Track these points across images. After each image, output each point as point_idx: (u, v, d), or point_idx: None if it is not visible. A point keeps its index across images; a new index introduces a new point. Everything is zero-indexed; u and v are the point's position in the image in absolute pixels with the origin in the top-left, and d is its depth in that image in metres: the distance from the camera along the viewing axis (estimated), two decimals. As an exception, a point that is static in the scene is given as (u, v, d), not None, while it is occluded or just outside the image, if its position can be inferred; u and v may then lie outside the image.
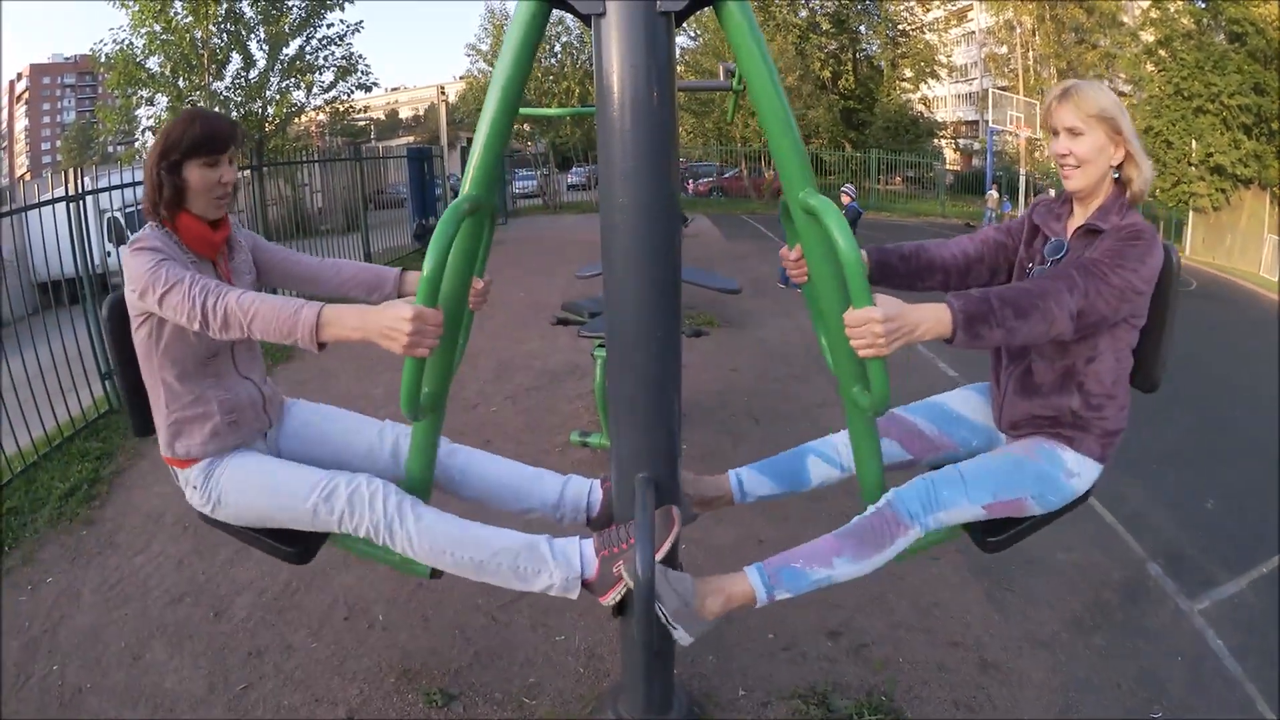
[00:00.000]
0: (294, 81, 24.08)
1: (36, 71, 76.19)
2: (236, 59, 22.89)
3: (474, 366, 6.94)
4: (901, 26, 36.27)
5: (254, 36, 22.98)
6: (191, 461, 2.16)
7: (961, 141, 43.17)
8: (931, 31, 37.11)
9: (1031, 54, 34.84)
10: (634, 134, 1.75)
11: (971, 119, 42.77)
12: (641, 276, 1.87)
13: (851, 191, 11.81)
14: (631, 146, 1.76)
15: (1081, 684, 3.10)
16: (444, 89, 20.35)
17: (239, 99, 23.17)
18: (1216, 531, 4.61)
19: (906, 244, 2.31)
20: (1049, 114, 2.08)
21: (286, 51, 23.67)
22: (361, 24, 25.28)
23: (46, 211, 5.79)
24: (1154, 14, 28.56)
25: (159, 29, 21.04)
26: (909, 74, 36.45)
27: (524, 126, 28.52)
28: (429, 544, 2.07)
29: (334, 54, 24.62)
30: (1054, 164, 2.14)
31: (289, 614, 3.43)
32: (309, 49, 24.07)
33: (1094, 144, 2.00)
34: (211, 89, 22.45)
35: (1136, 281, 1.90)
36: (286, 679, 3.03)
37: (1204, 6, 26.98)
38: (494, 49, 35.04)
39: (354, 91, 26.04)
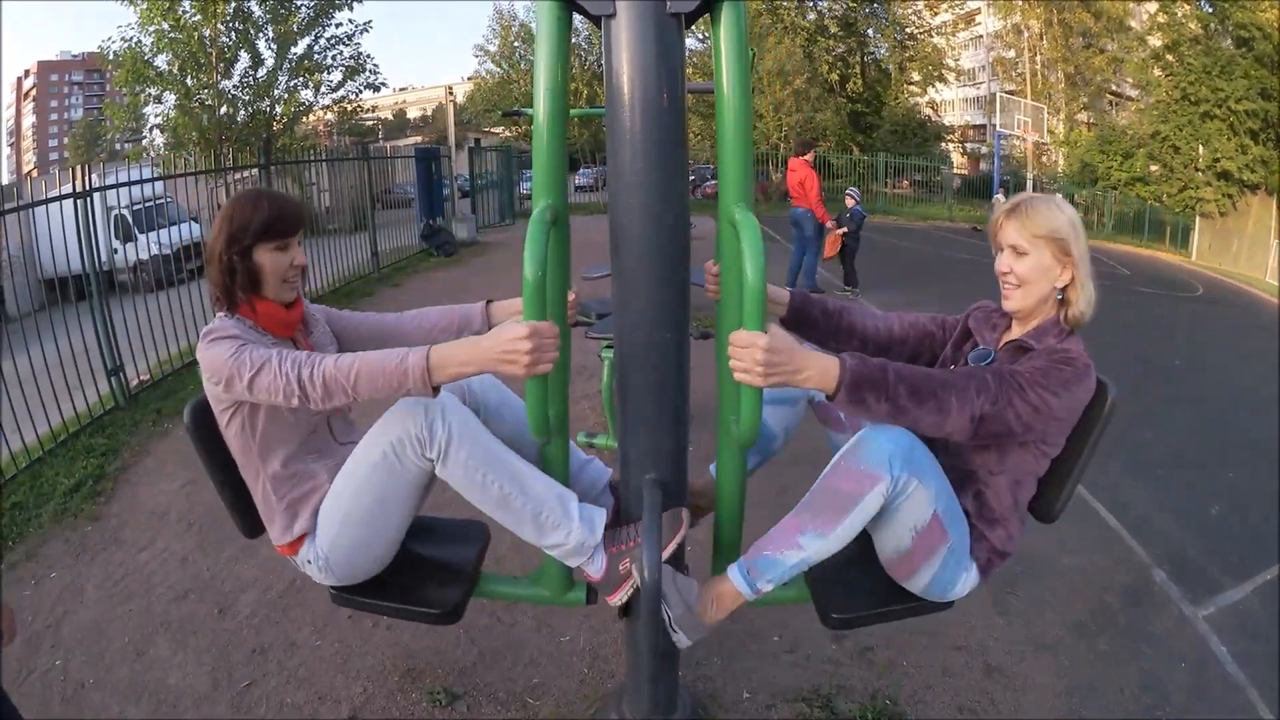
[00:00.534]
0: (302, 80, 24.16)
1: (44, 69, 76.50)
2: (245, 57, 23.02)
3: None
4: (909, 30, 36.31)
5: (262, 35, 23.08)
6: (303, 538, 2.08)
7: (969, 145, 43.16)
8: (939, 35, 37.18)
9: (1039, 58, 34.86)
10: (644, 135, 1.75)
11: (979, 123, 42.78)
12: (651, 277, 1.86)
13: (856, 195, 11.78)
14: (641, 147, 1.76)
15: (1085, 688, 3.09)
16: (452, 89, 20.27)
17: (247, 97, 23.25)
18: (1221, 537, 4.59)
19: (832, 301, 2.26)
20: (996, 227, 2.01)
21: (295, 50, 23.76)
22: (370, 24, 25.36)
23: (54, 208, 5.82)
24: (1161, 18, 28.55)
25: (167, 27, 21.12)
26: (917, 77, 36.51)
27: (531, 127, 28.52)
28: (467, 453, 1.90)
29: (342, 53, 24.76)
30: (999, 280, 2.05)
31: (293, 611, 3.43)
32: (317, 48, 24.16)
33: (1038, 264, 1.93)
34: (219, 87, 22.52)
35: (1055, 405, 1.81)
36: (290, 676, 3.03)
37: (1211, 11, 26.96)
38: (502, 50, 35.18)
39: (362, 91, 26.18)
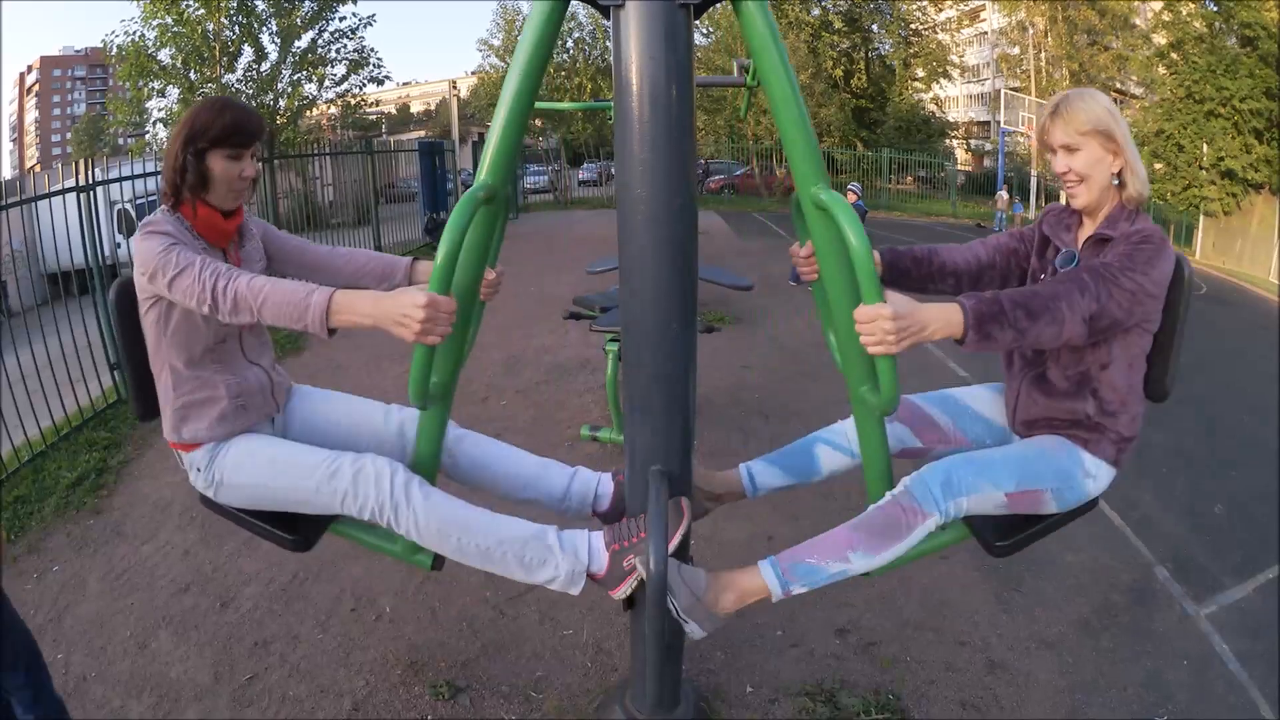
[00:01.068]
0: (306, 74, 24.07)
1: (47, 64, 76.59)
2: (248, 51, 22.89)
3: (484, 360, 6.95)
4: (914, 26, 36.21)
5: (266, 29, 22.99)
6: (197, 445, 2.14)
7: (973, 142, 43.09)
8: (944, 31, 37.07)
9: (1044, 55, 34.73)
10: (652, 126, 1.75)
11: (983, 119, 42.74)
12: (659, 268, 1.87)
13: (857, 189, 11.78)
14: (649, 138, 1.76)
15: (1088, 686, 3.08)
16: (456, 84, 20.36)
17: (250, 91, 23.18)
18: (1224, 536, 4.58)
19: (919, 247, 2.30)
20: (1043, 132, 2.07)
21: (298, 44, 23.65)
22: (374, 18, 25.28)
23: (56, 202, 5.81)
24: (1166, 16, 28.46)
25: (170, 21, 21.06)
26: (921, 74, 36.38)
27: (536, 122, 28.51)
28: (436, 526, 2.01)
29: (346, 47, 24.62)
30: (1058, 182, 2.12)
31: (296, 605, 3.43)
32: (321, 42, 24.06)
33: (1091, 157, 1.99)
34: (223, 81, 22.47)
35: (1148, 284, 1.88)
36: (292, 670, 3.03)
37: (1216, 10, 26.88)
38: (506, 44, 35.14)
39: (366, 85, 26.05)
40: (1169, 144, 27.05)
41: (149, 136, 25.94)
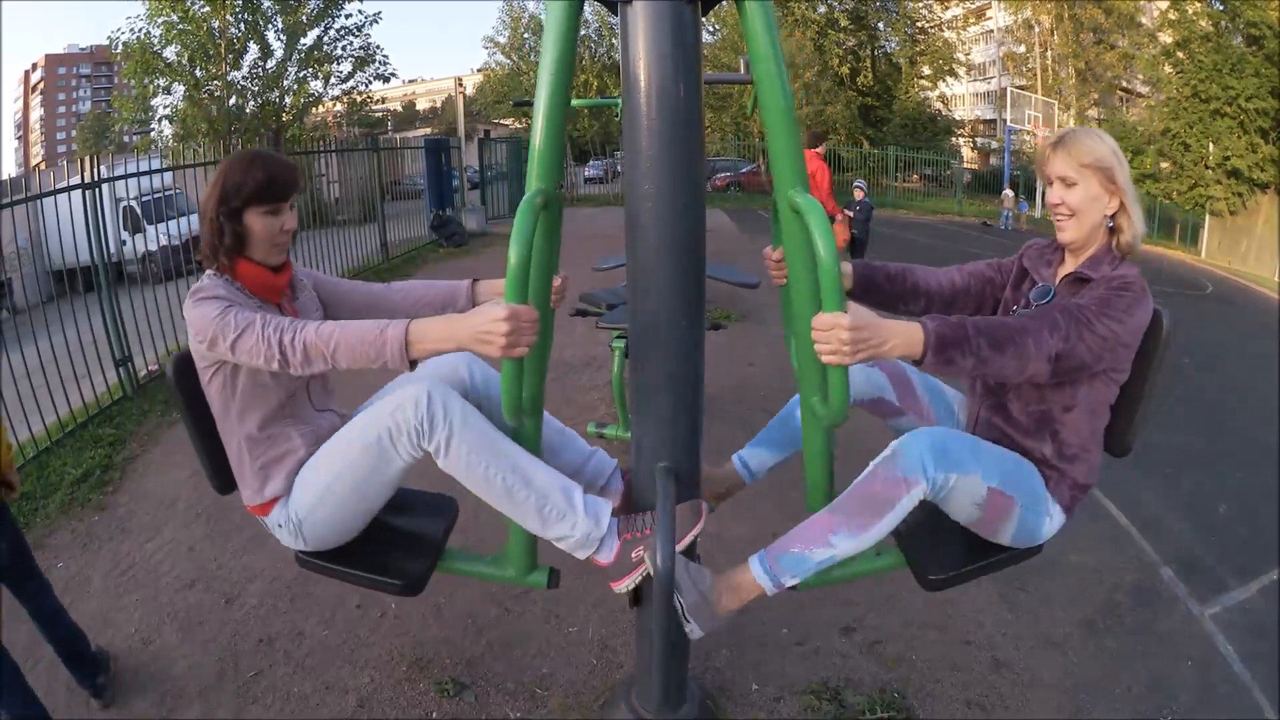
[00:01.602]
0: (311, 72, 24.10)
1: (52, 61, 76.70)
2: (254, 48, 22.94)
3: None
4: (920, 24, 36.25)
5: (271, 26, 23.02)
6: (275, 501, 2.10)
7: (979, 140, 43.07)
8: (950, 29, 37.07)
9: (1050, 53, 34.73)
10: (660, 122, 1.75)
11: (989, 117, 42.71)
12: (667, 265, 1.86)
13: (864, 186, 11.79)
14: (658, 135, 1.76)
15: (1093, 685, 3.08)
16: (461, 81, 20.30)
17: (256, 88, 23.22)
18: (1228, 536, 4.57)
19: (893, 264, 2.29)
20: (1044, 162, 2.05)
21: (304, 41, 23.69)
22: (380, 15, 25.33)
23: (62, 199, 5.83)
24: (1172, 15, 28.43)
25: (176, 18, 21.09)
26: (927, 71, 36.44)
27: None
28: (467, 448, 1.91)
29: (352, 45, 24.67)
30: (1049, 213, 2.10)
31: (301, 601, 3.43)
32: (327, 39, 24.10)
33: (1087, 194, 1.97)
34: (228, 78, 22.50)
35: (1122, 332, 1.85)
36: (297, 666, 3.03)
37: (1222, 9, 26.85)
38: (512, 42, 35.16)
39: (371, 82, 26.11)
40: (1175, 143, 27.05)
41: (154, 133, 25.94)
